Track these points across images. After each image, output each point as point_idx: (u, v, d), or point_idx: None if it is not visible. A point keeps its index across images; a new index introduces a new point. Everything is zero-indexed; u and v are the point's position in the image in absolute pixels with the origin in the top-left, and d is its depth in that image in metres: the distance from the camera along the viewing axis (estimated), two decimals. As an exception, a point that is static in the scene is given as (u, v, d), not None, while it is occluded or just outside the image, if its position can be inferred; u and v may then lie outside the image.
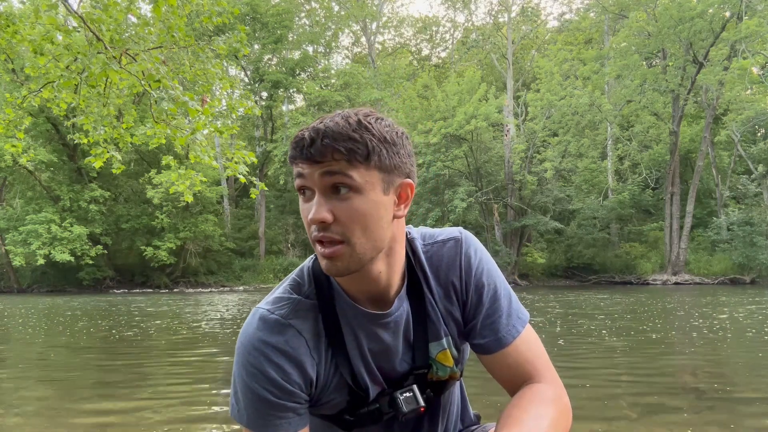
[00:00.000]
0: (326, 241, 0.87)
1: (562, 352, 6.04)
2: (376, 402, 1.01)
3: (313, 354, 0.96)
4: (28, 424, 3.40)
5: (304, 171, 0.87)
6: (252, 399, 0.93)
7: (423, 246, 1.04)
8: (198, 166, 12.06)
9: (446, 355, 1.03)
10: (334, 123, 0.85)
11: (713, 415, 3.42)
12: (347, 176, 0.85)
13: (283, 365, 0.92)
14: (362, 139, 0.85)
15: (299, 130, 0.89)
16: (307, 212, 0.87)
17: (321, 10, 34.23)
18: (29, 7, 8.30)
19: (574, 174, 27.33)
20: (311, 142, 0.85)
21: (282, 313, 0.95)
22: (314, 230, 0.88)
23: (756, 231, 23.81)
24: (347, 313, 0.98)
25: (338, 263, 0.88)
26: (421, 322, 1.01)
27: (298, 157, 0.87)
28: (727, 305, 12.23)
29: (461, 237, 1.04)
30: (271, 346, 0.92)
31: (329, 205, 0.86)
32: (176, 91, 5.72)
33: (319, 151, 0.84)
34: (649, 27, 24.31)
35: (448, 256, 1.03)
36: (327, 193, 0.86)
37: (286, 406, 0.93)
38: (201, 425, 3.36)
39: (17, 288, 26.71)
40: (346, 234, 0.86)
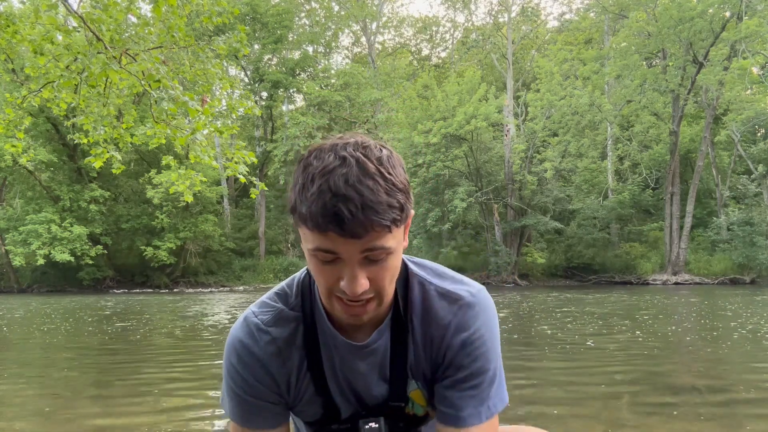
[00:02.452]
0: (356, 302, 0.85)
1: (562, 352, 6.04)
2: (348, 422, 1.03)
3: (286, 363, 0.98)
4: (28, 425, 3.40)
5: (336, 247, 0.80)
6: (230, 392, 1.00)
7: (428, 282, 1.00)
8: (198, 166, 12.06)
9: (419, 394, 1.02)
10: (365, 187, 0.78)
11: (713, 415, 3.42)
12: (386, 248, 0.82)
13: (254, 367, 0.97)
14: (399, 203, 0.81)
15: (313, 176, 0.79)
16: (331, 276, 0.84)
17: (321, 10, 34.23)
18: (29, 7, 8.31)
19: (574, 174, 27.33)
20: (351, 215, 0.77)
21: (264, 319, 0.99)
22: (341, 292, 0.84)
23: (756, 231, 23.81)
24: (326, 335, 0.99)
25: (365, 317, 0.89)
26: (399, 359, 0.99)
27: (333, 231, 0.78)
28: (727, 305, 12.23)
29: (471, 302, 0.98)
30: (246, 348, 0.97)
31: (364, 272, 0.83)
32: (176, 91, 5.72)
33: (362, 227, 0.78)
34: (649, 27, 24.30)
35: (444, 311, 0.98)
36: (362, 262, 0.82)
37: (258, 404, 0.99)
38: (201, 425, 3.36)
39: (17, 288, 26.71)
40: (378, 291, 0.86)
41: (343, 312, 0.88)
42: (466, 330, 0.97)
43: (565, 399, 3.90)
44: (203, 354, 6.46)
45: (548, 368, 5.13)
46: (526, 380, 4.48)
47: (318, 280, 0.87)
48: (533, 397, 3.93)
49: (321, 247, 0.81)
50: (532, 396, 3.95)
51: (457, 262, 26.72)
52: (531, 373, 4.81)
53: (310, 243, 0.83)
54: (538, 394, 4.02)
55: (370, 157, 0.81)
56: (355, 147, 0.82)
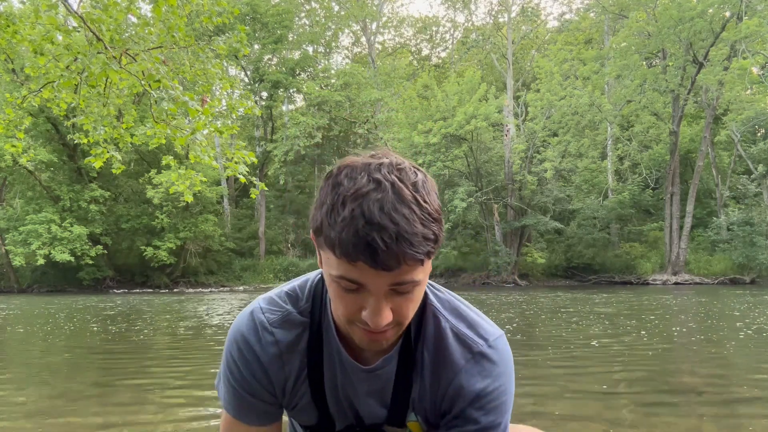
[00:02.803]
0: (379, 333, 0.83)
1: (562, 352, 6.04)
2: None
3: (285, 367, 0.97)
4: (28, 425, 3.40)
5: (364, 278, 0.76)
6: (226, 382, 1.00)
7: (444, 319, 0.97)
8: (198, 166, 12.07)
9: (417, 427, 1.01)
10: (401, 215, 0.73)
11: (713, 415, 3.42)
12: (416, 281, 0.79)
13: (253, 365, 0.96)
14: (434, 234, 0.76)
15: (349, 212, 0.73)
16: (353, 304, 0.81)
17: (321, 10, 34.24)
18: (29, 7, 8.30)
19: (574, 174, 27.33)
20: (385, 246, 0.72)
21: (270, 318, 0.96)
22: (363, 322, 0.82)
23: (756, 231, 23.81)
24: (332, 349, 0.97)
25: (384, 343, 0.86)
26: (403, 389, 0.97)
27: (363, 261, 0.74)
28: (727, 305, 12.23)
29: (487, 353, 0.94)
30: (248, 344, 0.96)
31: (389, 304, 0.79)
32: (176, 91, 5.72)
33: (395, 260, 0.73)
34: (649, 27, 24.31)
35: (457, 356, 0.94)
36: (388, 294, 0.79)
37: (252, 401, 0.99)
38: (202, 425, 3.36)
39: (17, 288, 26.71)
40: (400, 321, 0.84)
41: (362, 338, 0.85)
42: (479, 382, 0.92)
43: (565, 399, 3.90)
44: (203, 354, 6.46)
45: (548, 368, 5.13)
46: (526, 380, 4.48)
47: (337, 306, 0.83)
48: (533, 396, 3.93)
49: (347, 277, 0.77)
50: (532, 396, 3.95)
51: (457, 262, 26.74)
52: (531, 372, 4.81)
53: (334, 269, 0.78)
54: (538, 394, 4.02)
55: (405, 181, 0.76)
56: (390, 169, 0.77)
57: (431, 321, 0.96)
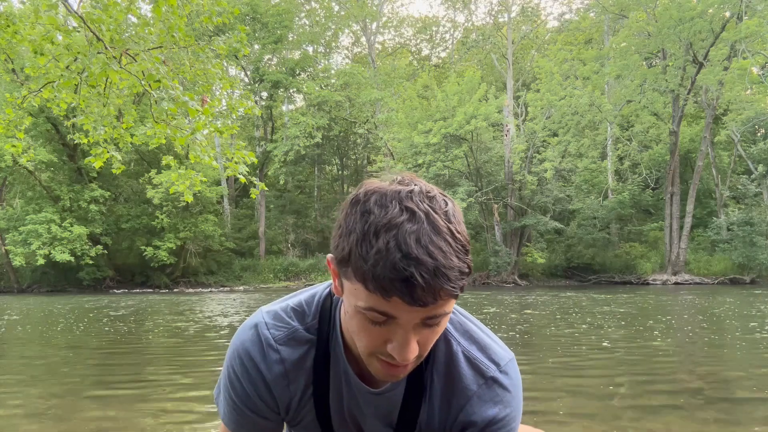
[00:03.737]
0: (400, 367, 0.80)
1: (562, 352, 6.04)
2: None
3: (290, 386, 0.95)
4: (28, 425, 3.40)
5: (398, 313, 0.73)
6: (227, 396, 0.98)
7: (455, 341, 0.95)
8: (198, 166, 12.07)
9: None
10: (438, 249, 0.70)
11: (713, 415, 3.42)
12: (447, 314, 0.77)
13: (256, 382, 0.93)
14: (468, 267, 0.74)
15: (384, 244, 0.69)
16: (378, 337, 0.77)
17: (321, 10, 34.24)
18: (29, 7, 8.30)
19: (574, 174, 27.34)
20: (423, 282, 0.69)
21: (275, 335, 0.93)
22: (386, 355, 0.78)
23: (756, 231, 23.82)
24: (339, 369, 0.95)
25: (402, 375, 0.83)
26: (411, 413, 0.95)
27: (399, 296, 0.70)
28: (727, 305, 12.23)
29: (499, 378, 0.92)
30: (252, 361, 0.93)
31: (417, 336, 0.77)
32: (176, 91, 5.72)
33: (432, 295, 0.71)
34: (649, 27, 24.31)
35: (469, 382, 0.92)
36: (417, 327, 0.76)
37: (252, 418, 0.97)
38: (202, 425, 3.36)
39: (17, 288, 26.72)
40: (423, 353, 0.80)
41: (379, 370, 0.82)
42: (491, 409, 0.91)
43: (565, 399, 3.90)
44: (203, 354, 6.46)
45: (548, 367, 5.13)
46: (525, 380, 4.48)
47: (360, 337, 0.79)
48: (533, 396, 3.93)
49: (378, 309, 0.73)
50: (532, 395, 3.95)
51: (457, 262, 26.65)
52: (531, 372, 4.81)
53: (362, 302, 0.74)
54: (537, 394, 4.02)
55: (438, 211, 0.73)
56: (421, 197, 0.74)
57: (442, 344, 0.93)
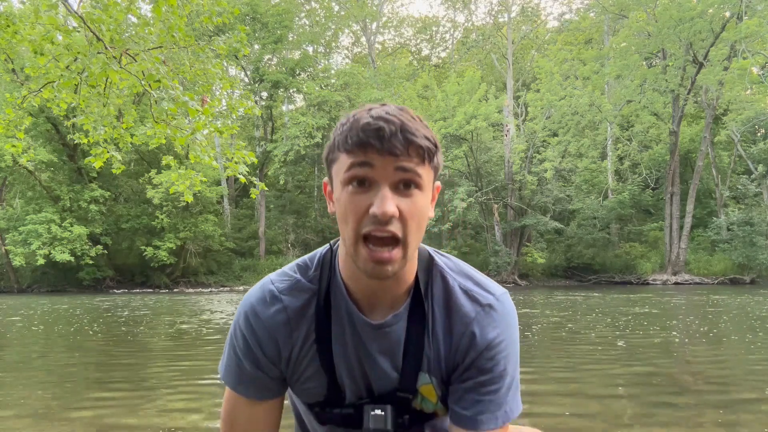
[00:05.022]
0: (385, 237, 0.83)
1: (562, 352, 6.04)
2: (350, 407, 1.00)
3: (293, 334, 0.97)
4: (28, 425, 3.40)
5: (373, 161, 0.82)
6: (231, 354, 1.01)
7: (451, 277, 0.99)
8: (198, 166, 12.07)
9: (430, 389, 0.99)
10: (406, 118, 0.84)
11: (713, 415, 3.42)
12: (418, 174, 0.84)
13: (259, 333, 0.97)
14: (432, 139, 0.86)
15: (355, 115, 0.85)
16: (362, 204, 0.84)
17: (321, 10, 34.23)
18: (29, 7, 8.29)
19: (574, 174, 27.33)
20: (391, 134, 0.81)
21: (279, 287, 0.99)
22: (370, 223, 0.83)
23: (756, 231, 23.82)
24: (341, 310, 0.97)
25: (389, 267, 0.86)
26: (414, 349, 0.97)
27: (372, 146, 0.81)
28: (727, 305, 12.23)
29: (495, 305, 0.97)
30: (256, 313, 0.98)
31: (395, 200, 0.83)
32: (176, 91, 5.72)
33: (400, 144, 0.82)
34: (649, 27, 24.31)
35: (467, 308, 0.97)
36: (394, 187, 0.84)
37: (254, 374, 0.99)
38: (201, 426, 3.36)
39: (17, 288, 26.71)
40: (405, 231, 0.85)
41: (368, 259, 0.85)
42: (490, 333, 0.95)
43: (565, 399, 3.90)
44: (204, 354, 6.46)
45: (548, 367, 5.13)
46: (526, 379, 4.48)
47: (347, 217, 0.85)
48: (533, 396, 3.93)
49: (358, 162, 0.83)
50: (532, 395, 3.95)
51: (457, 262, 26.67)
52: (531, 372, 4.81)
53: (345, 167, 0.84)
54: (538, 394, 4.02)
55: (406, 110, 0.86)
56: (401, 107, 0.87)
57: (439, 279, 0.99)
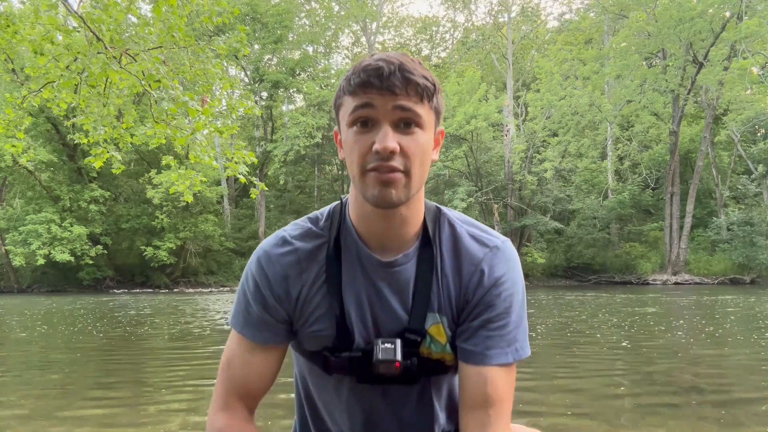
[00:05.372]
0: (386, 169, 0.89)
1: (563, 352, 6.04)
2: (359, 351, 1.00)
3: (302, 274, 1.00)
4: (28, 425, 3.40)
5: (374, 101, 0.88)
6: (240, 297, 1.04)
7: (458, 224, 1.04)
8: (198, 166, 12.06)
9: (439, 329, 1.00)
10: (405, 60, 0.89)
11: (713, 415, 3.42)
12: (417, 114, 0.89)
13: (269, 273, 1.00)
14: (430, 79, 0.90)
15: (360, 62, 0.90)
16: (366, 142, 0.89)
17: (321, 10, 34.23)
18: (29, 7, 8.30)
19: (574, 174, 27.33)
20: (390, 73, 0.86)
21: (291, 233, 1.04)
22: (373, 159, 0.89)
23: (756, 231, 23.82)
24: (352, 251, 1.00)
25: (393, 190, 0.90)
26: (423, 288, 0.99)
27: (372, 86, 0.87)
28: (727, 305, 12.23)
29: (501, 247, 1.02)
30: (267, 254, 1.02)
31: (396, 137, 0.88)
32: (176, 91, 5.72)
33: (399, 83, 0.87)
34: (649, 27, 24.31)
35: (475, 250, 1.01)
36: (395, 126, 0.89)
37: (261, 316, 1.00)
38: (202, 426, 3.36)
39: (17, 288, 26.70)
40: (408, 165, 0.90)
41: (374, 183, 0.89)
42: (497, 271, 0.99)
43: (565, 399, 3.90)
44: (204, 354, 6.46)
45: (548, 368, 5.13)
46: (525, 379, 4.48)
47: (353, 156, 0.91)
48: (533, 396, 3.93)
49: (359, 103, 0.88)
50: (532, 395, 3.95)
51: (457, 262, 26.67)
52: (531, 372, 4.81)
53: (350, 108, 0.90)
54: (537, 393, 4.02)
55: (406, 54, 0.92)
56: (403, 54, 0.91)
57: (446, 226, 1.04)
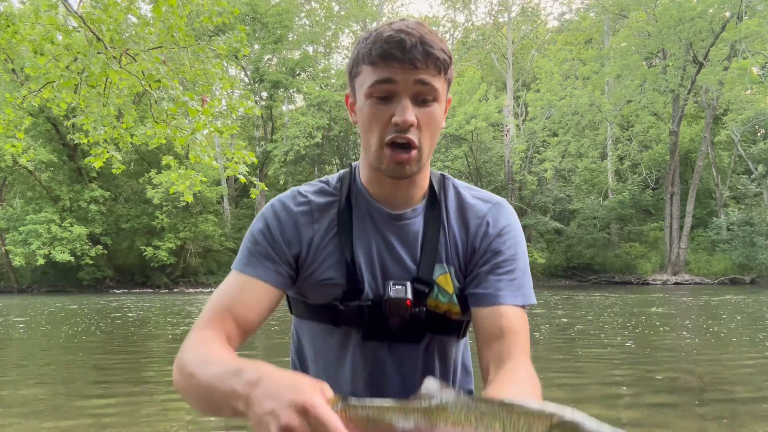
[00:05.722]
0: (404, 143, 0.92)
1: (563, 352, 6.04)
2: (369, 300, 1.01)
3: (314, 225, 1.03)
4: (27, 425, 3.40)
5: (395, 76, 0.89)
6: (247, 239, 1.05)
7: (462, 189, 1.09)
8: (198, 166, 12.04)
9: (447, 279, 1.02)
10: (424, 31, 0.90)
11: (713, 415, 3.42)
12: (434, 88, 0.91)
13: (282, 217, 1.03)
14: (447, 52, 0.92)
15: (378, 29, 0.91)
16: (385, 115, 0.92)
17: (321, 10, 34.24)
18: (29, 7, 8.29)
19: (574, 174, 27.32)
20: (411, 46, 0.87)
21: (304, 189, 1.08)
22: (392, 131, 0.92)
23: (756, 231, 23.81)
24: (362, 207, 1.04)
25: (407, 167, 0.94)
26: (431, 241, 1.03)
27: (393, 58, 0.88)
28: (727, 305, 12.22)
29: (503, 203, 1.09)
30: (281, 202, 1.05)
31: (414, 110, 0.91)
32: (176, 91, 5.72)
33: (420, 56, 0.88)
34: (649, 27, 24.31)
35: (479, 205, 1.06)
36: (413, 99, 0.91)
37: (268, 253, 1.01)
38: (200, 426, 3.36)
39: (17, 288, 26.70)
40: (421, 139, 0.93)
41: (390, 160, 0.93)
42: (502, 222, 1.05)
43: (565, 399, 3.90)
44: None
45: (548, 367, 5.13)
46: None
47: (371, 128, 0.94)
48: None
49: (380, 78, 0.90)
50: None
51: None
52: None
53: (369, 79, 0.92)
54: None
55: (423, 24, 0.93)
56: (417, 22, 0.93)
57: (451, 189, 1.09)
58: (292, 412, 0.65)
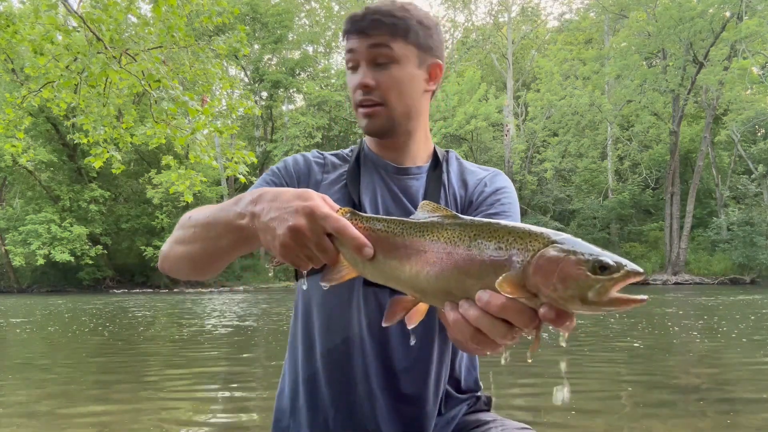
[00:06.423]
0: (367, 104, 1.03)
1: (561, 352, 6.04)
2: None
3: (326, 175, 1.15)
4: (27, 425, 3.40)
5: (354, 46, 1.02)
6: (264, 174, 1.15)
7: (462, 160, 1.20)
8: (198, 166, 12.05)
9: None
10: (381, 4, 1.02)
11: (713, 415, 3.42)
12: (388, 47, 1.01)
13: (298, 159, 1.17)
14: (402, 17, 1.02)
15: None
16: (354, 82, 1.04)
17: (321, 10, 34.23)
18: (29, 7, 8.29)
19: (574, 174, 27.32)
20: (362, 17, 1.01)
21: (322, 151, 1.21)
22: (358, 95, 1.04)
23: (756, 231, 23.80)
24: (370, 164, 1.15)
25: (375, 121, 1.05)
26: (432, 196, 1.12)
27: (350, 30, 1.02)
28: (727, 305, 12.22)
29: (499, 172, 1.18)
30: (301, 154, 1.18)
31: (372, 74, 1.02)
32: (176, 91, 5.72)
33: (368, 25, 1.00)
34: (649, 27, 24.31)
35: (479, 171, 1.17)
36: (371, 64, 1.02)
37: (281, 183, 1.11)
38: (200, 427, 3.36)
39: (17, 288, 26.71)
40: (384, 97, 1.03)
41: (361, 116, 1.06)
42: (498, 183, 1.14)
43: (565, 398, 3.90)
44: (204, 355, 6.46)
45: (548, 368, 5.13)
46: (524, 380, 4.48)
47: (351, 95, 1.07)
48: (532, 395, 3.93)
49: (347, 50, 1.04)
50: (531, 395, 3.95)
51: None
52: (530, 372, 4.81)
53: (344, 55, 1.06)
54: (537, 394, 4.02)
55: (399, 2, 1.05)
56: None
57: (453, 159, 1.19)
58: (299, 215, 0.69)
